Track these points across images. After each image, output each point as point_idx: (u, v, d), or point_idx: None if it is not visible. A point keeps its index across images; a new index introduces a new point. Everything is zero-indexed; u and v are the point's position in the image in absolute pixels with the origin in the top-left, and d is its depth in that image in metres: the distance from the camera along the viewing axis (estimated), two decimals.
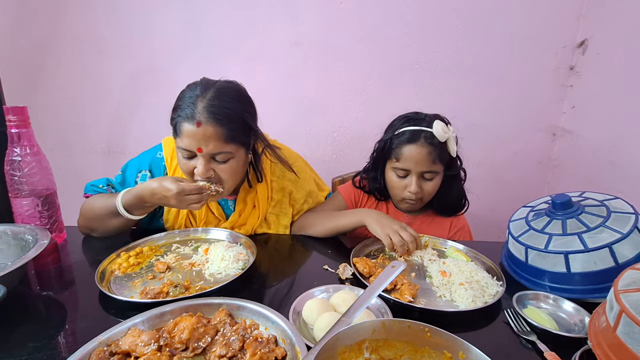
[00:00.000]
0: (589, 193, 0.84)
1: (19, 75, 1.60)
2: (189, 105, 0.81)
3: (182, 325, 0.56)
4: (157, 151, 1.02)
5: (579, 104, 1.55)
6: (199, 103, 0.81)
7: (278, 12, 1.52)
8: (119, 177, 0.99)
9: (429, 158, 0.99)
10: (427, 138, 0.99)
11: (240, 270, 0.78)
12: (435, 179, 1.03)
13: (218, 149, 0.83)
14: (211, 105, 0.81)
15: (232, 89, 0.87)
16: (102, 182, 0.99)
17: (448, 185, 1.08)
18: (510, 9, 1.49)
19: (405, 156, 1.01)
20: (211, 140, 0.81)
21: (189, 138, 0.81)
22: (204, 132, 0.80)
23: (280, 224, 1.07)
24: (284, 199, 1.07)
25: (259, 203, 1.02)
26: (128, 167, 1.00)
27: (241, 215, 1.01)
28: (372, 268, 0.80)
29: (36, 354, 0.54)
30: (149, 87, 1.63)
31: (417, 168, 1.00)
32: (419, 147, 0.99)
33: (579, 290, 0.71)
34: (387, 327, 0.51)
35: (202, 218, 1.01)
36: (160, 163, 1.00)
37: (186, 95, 0.84)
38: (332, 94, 1.62)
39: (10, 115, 0.83)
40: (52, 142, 1.69)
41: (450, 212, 1.14)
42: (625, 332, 0.46)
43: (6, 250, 0.77)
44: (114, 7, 1.53)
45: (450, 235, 1.13)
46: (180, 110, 0.83)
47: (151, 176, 0.99)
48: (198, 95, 0.82)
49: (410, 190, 1.02)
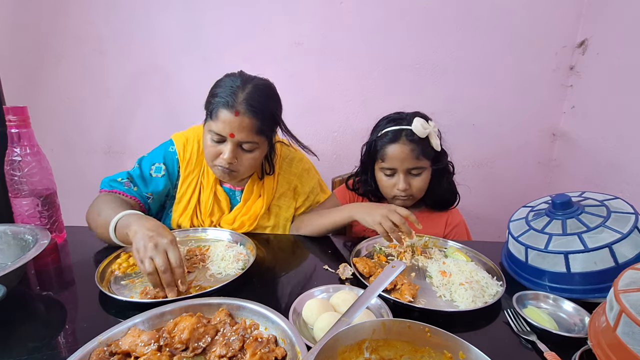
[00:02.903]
0: (589, 193, 0.84)
1: (19, 75, 1.60)
2: (229, 94, 0.88)
3: (182, 325, 0.56)
4: (169, 146, 1.05)
5: (579, 104, 1.54)
6: (240, 94, 0.88)
7: (278, 12, 1.52)
8: (137, 170, 1.01)
9: (412, 155, 1.02)
10: (408, 136, 1.02)
11: (240, 270, 0.78)
12: (422, 175, 1.06)
13: (248, 138, 0.90)
14: (250, 99, 0.88)
15: (268, 86, 0.95)
16: (122, 176, 0.99)
17: (437, 180, 1.10)
18: (510, 9, 1.49)
19: (389, 156, 1.04)
20: (244, 129, 0.89)
21: (224, 124, 0.88)
22: (240, 121, 0.88)
23: (283, 216, 1.10)
24: (288, 192, 1.11)
25: (265, 193, 1.07)
26: (143, 161, 1.03)
27: (246, 204, 1.05)
28: (372, 268, 0.80)
29: (36, 354, 0.54)
30: (149, 87, 1.63)
31: (402, 166, 1.03)
32: (402, 146, 1.02)
33: (579, 290, 0.71)
34: (387, 327, 0.51)
35: (208, 209, 1.03)
36: (173, 157, 1.04)
37: (226, 85, 0.90)
38: (332, 94, 1.62)
39: (10, 115, 0.83)
40: (52, 142, 1.69)
41: (443, 206, 1.16)
42: (625, 332, 0.46)
43: (6, 250, 0.77)
44: (114, 7, 1.53)
45: (447, 232, 1.14)
46: (219, 97, 0.89)
47: (165, 168, 1.02)
48: (239, 86, 0.89)
49: (398, 187, 1.05)
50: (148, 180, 1.00)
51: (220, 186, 1.06)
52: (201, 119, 0.97)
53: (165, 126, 1.68)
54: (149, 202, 1.00)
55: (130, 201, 0.97)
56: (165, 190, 1.03)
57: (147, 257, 0.67)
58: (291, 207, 1.11)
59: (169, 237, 0.70)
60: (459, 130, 1.63)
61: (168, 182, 1.03)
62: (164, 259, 0.67)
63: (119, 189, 0.97)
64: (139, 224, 0.73)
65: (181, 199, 1.03)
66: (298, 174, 1.13)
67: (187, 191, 1.03)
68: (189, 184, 1.04)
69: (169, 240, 0.69)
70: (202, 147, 1.03)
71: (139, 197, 0.98)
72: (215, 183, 1.05)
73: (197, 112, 1.62)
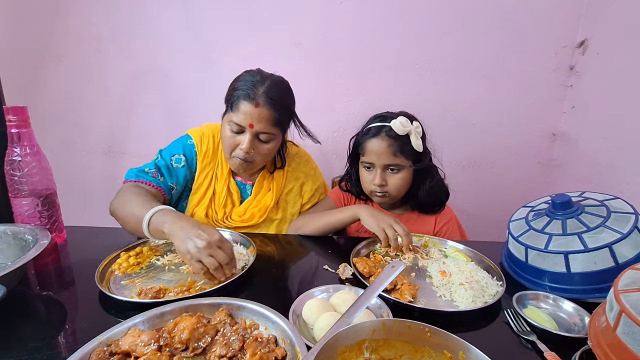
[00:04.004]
0: (589, 193, 0.84)
1: (19, 75, 1.60)
2: (250, 87, 0.94)
3: (182, 325, 0.56)
4: (186, 139, 1.10)
5: (579, 104, 1.54)
6: (259, 87, 0.94)
7: (278, 12, 1.52)
8: (162, 161, 1.04)
9: (389, 150, 1.03)
10: (388, 132, 1.03)
11: (240, 270, 0.78)
12: (400, 173, 1.06)
13: (266, 129, 0.96)
14: (269, 92, 0.94)
15: (284, 82, 1.02)
16: (150, 166, 1.02)
17: (419, 181, 1.10)
18: (510, 8, 1.49)
19: (368, 150, 1.06)
20: (263, 120, 0.95)
21: (244, 114, 0.94)
22: (259, 112, 0.94)
23: (289, 211, 1.15)
24: (295, 189, 1.16)
25: (274, 187, 1.12)
26: (163, 153, 1.07)
27: (257, 197, 1.11)
28: (372, 268, 0.80)
29: (36, 354, 0.54)
30: (149, 87, 1.63)
31: (379, 161, 1.05)
32: (379, 140, 1.04)
33: (579, 290, 0.71)
34: (387, 327, 0.51)
35: (221, 201, 1.08)
36: (192, 149, 1.09)
37: (247, 79, 0.96)
38: (332, 94, 1.62)
39: (10, 115, 0.83)
40: (52, 142, 1.69)
41: (427, 209, 1.14)
42: (625, 332, 0.46)
43: (6, 250, 0.77)
44: (114, 7, 1.53)
45: (437, 230, 1.13)
46: (240, 90, 0.95)
47: (185, 159, 1.06)
48: (258, 81, 0.95)
49: (374, 182, 1.06)
50: (172, 170, 1.04)
51: (233, 179, 1.10)
52: (202, 118, 0.98)
53: (165, 126, 1.68)
54: (172, 193, 1.04)
55: (155, 192, 0.99)
56: (184, 182, 1.06)
57: (205, 255, 0.70)
58: (297, 203, 1.16)
59: (217, 234, 0.73)
60: (459, 130, 1.63)
61: (187, 173, 1.06)
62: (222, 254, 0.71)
63: (145, 179, 0.98)
64: (179, 225, 0.74)
65: (197, 190, 1.08)
66: (305, 172, 1.19)
67: (204, 183, 1.08)
68: (206, 176, 1.08)
69: (219, 237, 0.73)
70: (218, 140, 1.10)
71: (164, 188, 1.01)
72: (228, 176, 1.09)
73: (196, 112, 1.65)
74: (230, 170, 1.09)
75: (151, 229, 0.80)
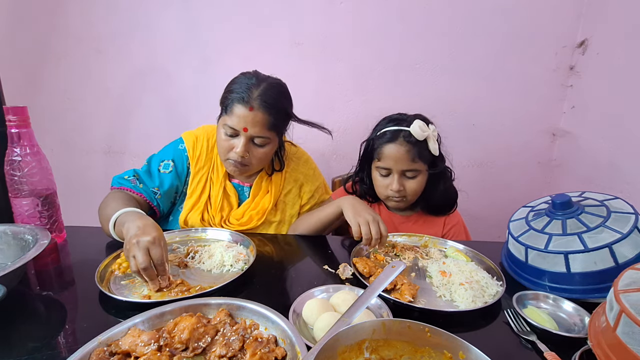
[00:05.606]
0: (589, 193, 0.84)
1: (19, 75, 1.60)
2: (244, 91, 0.92)
3: (182, 325, 0.56)
4: (178, 144, 1.08)
5: (579, 104, 1.54)
6: (254, 91, 0.92)
7: (278, 12, 1.52)
8: (145, 167, 1.04)
9: (408, 156, 1.02)
10: (406, 137, 1.02)
11: (240, 270, 0.78)
12: (417, 178, 1.05)
13: (261, 133, 0.94)
14: (264, 95, 0.92)
15: (281, 85, 0.99)
16: (129, 174, 1.02)
17: (433, 184, 1.09)
18: (510, 8, 1.49)
19: (385, 155, 1.04)
20: (257, 124, 0.92)
21: (238, 118, 0.92)
22: (253, 116, 0.92)
23: (288, 212, 1.13)
24: (294, 190, 1.14)
25: (272, 189, 1.10)
26: (152, 159, 1.06)
27: (254, 199, 1.08)
28: (372, 268, 0.80)
29: (36, 354, 0.54)
30: (149, 87, 1.63)
31: (397, 166, 1.03)
32: (398, 146, 1.02)
33: (579, 290, 0.71)
34: (387, 327, 0.51)
35: (218, 204, 1.06)
36: (182, 154, 1.07)
37: (242, 82, 0.94)
38: (332, 94, 1.62)
39: (10, 115, 0.83)
40: (52, 142, 1.69)
41: (438, 211, 1.14)
42: (625, 332, 0.46)
43: (6, 250, 0.76)
44: (114, 7, 1.53)
45: (445, 232, 1.13)
46: (235, 93, 0.93)
47: (174, 165, 1.04)
48: (253, 83, 0.93)
49: (392, 188, 1.05)
50: (155, 175, 1.03)
51: (230, 182, 1.09)
52: (202, 118, 0.98)
53: (165, 126, 1.68)
54: (156, 198, 1.02)
55: (137, 198, 0.99)
56: (173, 187, 1.05)
57: (131, 255, 0.69)
58: (296, 205, 1.14)
59: (152, 234, 0.71)
60: (459, 130, 1.63)
61: (176, 179, 1.05)
62: (145, 256, 0.68)
63: (126, 186, 0.99)
64: (132, 223, 0.75)
65: (191, 195, 1.06)
66: (305, 173, 1.16)
67: (198, 187, 1.06)
68: (199, 180, 1.06)
69: (151, 238, 0.70)
70: (212, 144, 1.08)
71: (145, 194, 1.00)
72: (224, 179, 1.08)
73: (196, 112, 1.65)
74: (226, 172, 1.08)
75: (116, 230, 0.82)
